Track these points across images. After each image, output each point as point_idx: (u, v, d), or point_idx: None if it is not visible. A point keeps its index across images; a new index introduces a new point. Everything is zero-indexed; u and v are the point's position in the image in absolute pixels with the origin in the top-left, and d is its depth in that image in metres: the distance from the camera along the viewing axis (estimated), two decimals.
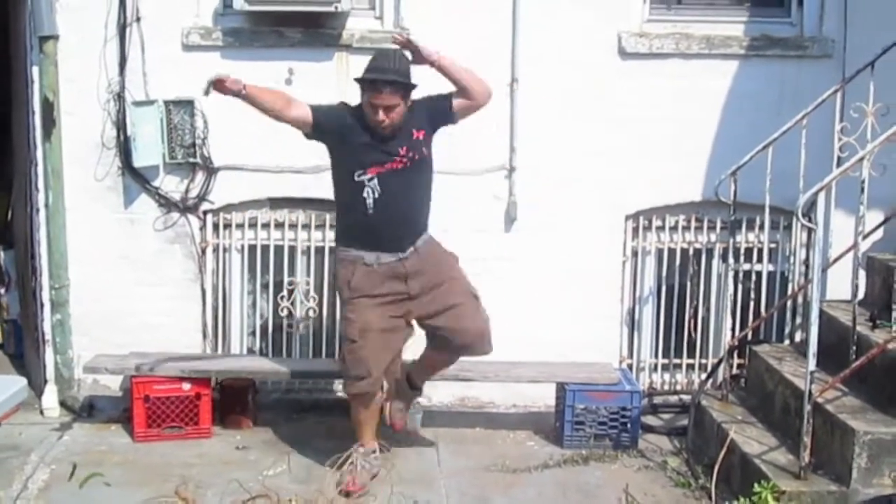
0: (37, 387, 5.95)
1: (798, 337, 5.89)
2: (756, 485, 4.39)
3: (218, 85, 4.68)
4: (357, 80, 4.79)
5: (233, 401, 5.71)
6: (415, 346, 5.24)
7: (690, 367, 6.21)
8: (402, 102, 4.73)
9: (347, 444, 5.05)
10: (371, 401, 5.00)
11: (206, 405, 5.53)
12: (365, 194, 4.78)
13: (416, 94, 4.84)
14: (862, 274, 5.04)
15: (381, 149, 4.79)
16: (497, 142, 5.87)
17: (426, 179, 4.96)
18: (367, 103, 4.75)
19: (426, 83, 4.89)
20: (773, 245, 5.99)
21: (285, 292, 6.00)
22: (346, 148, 4.84)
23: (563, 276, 5.95)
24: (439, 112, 4.90)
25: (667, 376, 6.25)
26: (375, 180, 4.77)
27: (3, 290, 6.96)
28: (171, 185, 5.87)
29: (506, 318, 5.88)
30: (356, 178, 4.79)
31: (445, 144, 5.69)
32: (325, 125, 4.87)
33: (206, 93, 4.70)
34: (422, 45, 4.81)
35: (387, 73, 4.70)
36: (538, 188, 5.90)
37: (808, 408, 4.46)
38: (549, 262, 5.94)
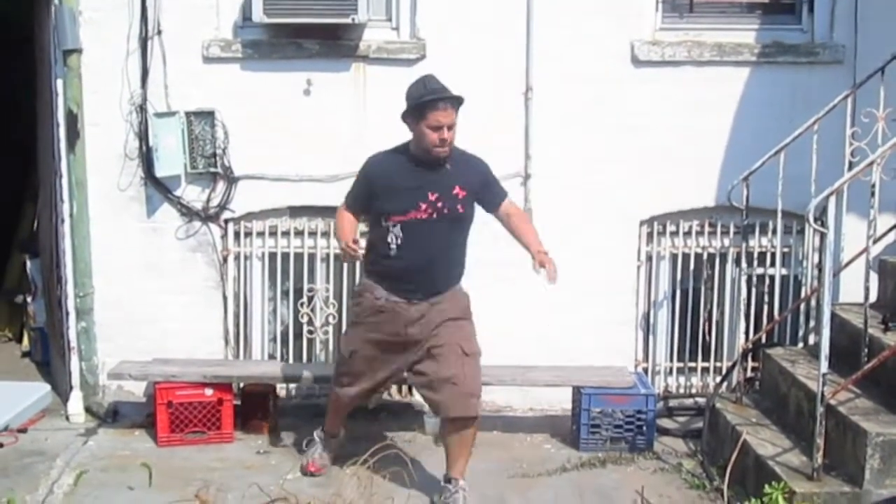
0: (63, 393, 6.03)
1: (811, 340, 5.87)
2: (769, 486, 4.39)
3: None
4: (415, 106, 4.71)
5: (254, 406, 5.75)
6: None
7: (705, 370, 6.23)
8: (455, 122, 4.75)
9: (366, 447, 5.09)
10: (345, 406, 5.22)
11: (228, 410, 5.58)
12: (389, 239, 4.79)
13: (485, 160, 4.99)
14: (874, 277, 5.03)
15: (410, 192, 4.77)
16: (512, 149, 5.91)
17: (455, 238, 4.91)
18: (428, 127, 4.69)
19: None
20: (785, 249, 6.01)
21: (305, 299, 6.03)
22: (378, 196, 4.84)
23: (579, 281, 5.92)
24: (486, 197, 4.95)
25: (682, 379, 6.27)
26: (398, 227, 4.77)
27: (29, 299, 7.04)
28: (193, 195, 5.93)
29: (522, 322, 5.97)
30: (382, 224, 4.82)
31: None
32: (376, 176, 4.88)
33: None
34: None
35: (445, 91, 4.74)
36: (553, 195, 5.94)
37: (820, 410, 4.46)
38: (564, 267, 5.88)
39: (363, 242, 5.07)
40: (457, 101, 4.76)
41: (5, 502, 3.44)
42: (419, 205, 4.77)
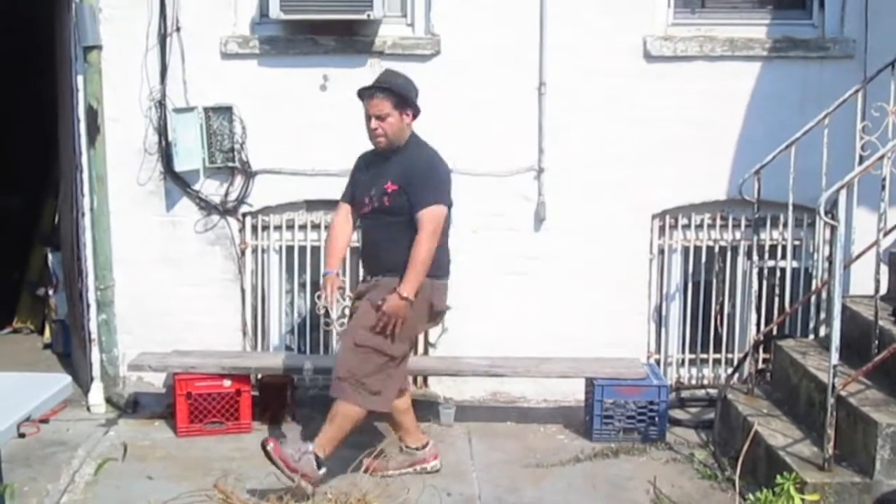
0: (84, 384, 6.09)
1: (822, 332, 5.91)
2: (780, 476, 4.33)
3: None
4: (357, 93, 4.89)
5: (272, 397, 5.81)
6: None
7: (717, 361, 6.27)
8: (394, 113, 4.79)
9: (381, 438, 5.17)
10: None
11: (246, 401, 5.63)
12: (359, 227, 5.11)
13: (420, 166, 4.85)
14: (884, 269, 5.06)
15: (362, 188, 4.95)
16: (526, 144, 5.95)
17: (389, 228, 4.85)
18: (364, 117, 4.85)
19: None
20: (796, 242, 6.04)
21: (322, 291, 6.10)
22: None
23: (592, 273, 6.02)
24: (411, 200, 4.81)
25: (693, 371, 6.31)
26: (359, 219, 5.04)
27: (51, 292, 7.10)
28: (211, 189, 5.99)
29: (536, 315, 6.02)
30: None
31: (475, 147, 5.83)
32: (349, 193, 5.10)
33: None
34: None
35: (378, 82, 4.87)
36: (566, 188, 5.98)
37: (831, 401, 4.48)
38: (577, 260, 6.00)
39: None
40: (391, 93, 4.79)
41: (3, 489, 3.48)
42: (364, 199, 4.93)
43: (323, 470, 4.72)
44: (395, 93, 4.81)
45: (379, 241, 4.92)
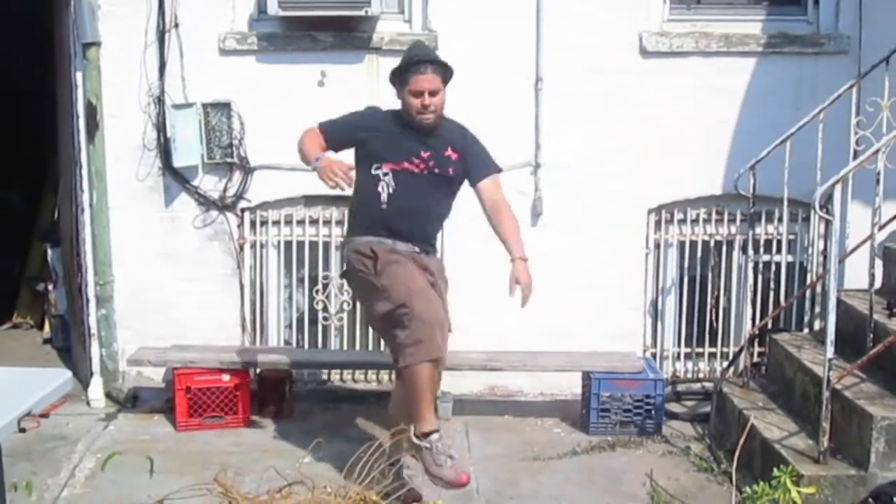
0: (83, 379, 6.10)
1: (817, 325, 5.93)
2: (776, 469, 4.34)
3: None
4: (397, 70, 4.64)
5: (270, 391, 5.81)
6: None
7: (712, 355, 6.30)
8: (442, 88, 4.60)
9: (380, 432, 5.17)
10: (435, 373, 4.47)
11: (245, 396, 5.64)
12: (380, 188, 4.59)
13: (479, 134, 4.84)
14: (879, 263, 5.11)
15: (404, 145, 4.63)
16: (522, 139, 5.98)
17: (443, 199, 4.76)
18: (409, 94, 4.58)
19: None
20: (791, 236, 6.08)
21: (320, 286, 6.11)
22: (367, 144, 4.68)
23: (588, 268, 6.04)
24: (472, 165, 4.74)
25: (689, 364, 6.34)
26: (390, 175, 4.59)
27: (50, 287, 7.10)
28: (210, 185, 6.01)
29: (532, 309, 6.01)
30: (373, 171, 4.62)
31: None
32: (362, 128, 4.74)
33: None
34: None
35: (429, 55, 4.68)
36: (563, 184, 6.00)
37: (826, 394, 4.50)
38: (574, 255, 6.02)
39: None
40: (441, 68, 4.62)
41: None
42: (412, 159, 4.62)
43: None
44: (444, 66, 4.64)
45: (429, 209, 4.70)
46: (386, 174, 4.61)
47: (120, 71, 5.84)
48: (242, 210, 6.07)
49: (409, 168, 4.62)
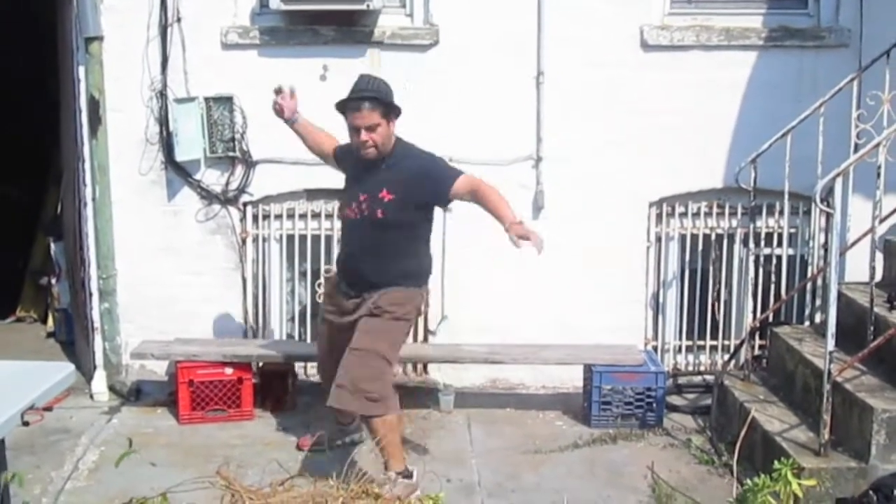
0: (87, 372, 6.12)
1: (818, 318, 5.93)
2: (777, 462, 4.34)
3: (277, 97, 4.81)
4: (336, 106, 4.68)
5: (273, 384, 5.83)
6: None
7: (713, 348, 6.31)
8: (382, 122, 4.56)
9: None
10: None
11: (248, 389, 5.66)
12: (341, 228, 4.96)
13: (418, 165, 4.70)
14: (879, 256, 5.11)
15: (351, 189, 4.77)
16: (524, 133, 5.99)
17: (383, 238, 4.68)
18: (350, 128, 4.63)
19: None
20: (792, 230, 6.08)
21: (322, 280, 6.10)
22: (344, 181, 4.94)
23: (590, 261, 6.05)
24: (432, 195, 4.68)
25: (690, 357, 6.35)
26: (342, 222, 4.90)
27: (54, 281, 7.11)
28: (212, 179, 6.02)
29: (534, 302, 6.05)
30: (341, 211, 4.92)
31: (473, 136, 5.86)
32: (339, 158, 5.01)
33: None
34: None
35: (364, 92, 4.60)
36: (564, 177, 6.01)
37: (827, 387, 4.52)
38: (575, 248, 6.02)
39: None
40: (379, 103, 4.57)
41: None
42: (352, 204, 4.74)
43: (414, 475, 4.69)
44: (383, 101, 4.59)
45: (377, 249, 4.69)
46: (340, 219, 4.96)
47: (122, 65, 5.84)
48: (245, 204, 6.08)
49: (349, 215, 4.78)
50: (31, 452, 5.17)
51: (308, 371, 6.18)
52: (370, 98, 4.57)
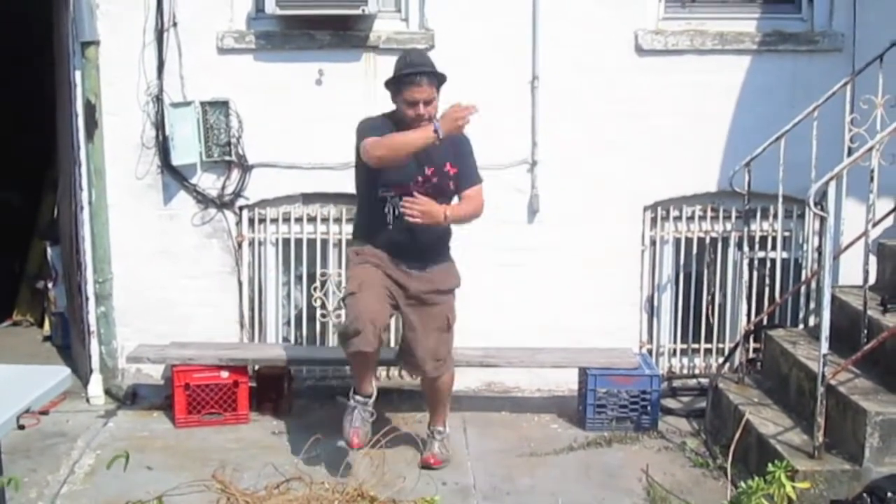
0: (83, 376, 6.11)
1: (812, 321, 5.96)
2: (771, 464, 4.31)
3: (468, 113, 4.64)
4: (392, 80, 4.77)
5: (269, 388, 5.83)
6: None
7: (708, 351, 6.31)
8: (436, 96, 4.73)
9: (378, 428, 5.16)
10: (367, 359, 4.79)
11: (244, 392, 5.66)
12: (386, 209, 4.79)
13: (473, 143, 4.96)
14: (873, 260, 5.10)
15: (409, 166, 4.74)
16: (519, 137, 5.99)
17: None
18: (404, 102, 4.71)
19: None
20: (786, 233, 6.09)
21: (318, 283, 6.12)
22: None
23: (585, 265, 6.06)
24: (461, 178, 4.89)
25: (685, 360, 6.35)
26: (397, 198, 4.73)
27: (50, 285, 7.11)
28: (208, 183, 6.02)
29: (529, 306, 6.06)
30: (380, 193, 4.79)
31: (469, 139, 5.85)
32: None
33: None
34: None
35: (422, 66, 4.74)
36: (559, 181, 6.02)
37: (821, 390, 4.51)
38: (570, 251, 6.04)
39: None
40: (436, 77, 4.73)
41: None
42: (417, 178, 4.77)
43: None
44: (437, 75, 4.75)
45: (435, 227, 4.80)
46: (393, 197, 4.76)
47: (118, 69, 5.84)
48: (241, 208, 6.08)
49: (414, 189, 4.75)
50: (27, 456, 5.16)
51: (304, 374, 6.20)
52: (428, 73, 4.70)
